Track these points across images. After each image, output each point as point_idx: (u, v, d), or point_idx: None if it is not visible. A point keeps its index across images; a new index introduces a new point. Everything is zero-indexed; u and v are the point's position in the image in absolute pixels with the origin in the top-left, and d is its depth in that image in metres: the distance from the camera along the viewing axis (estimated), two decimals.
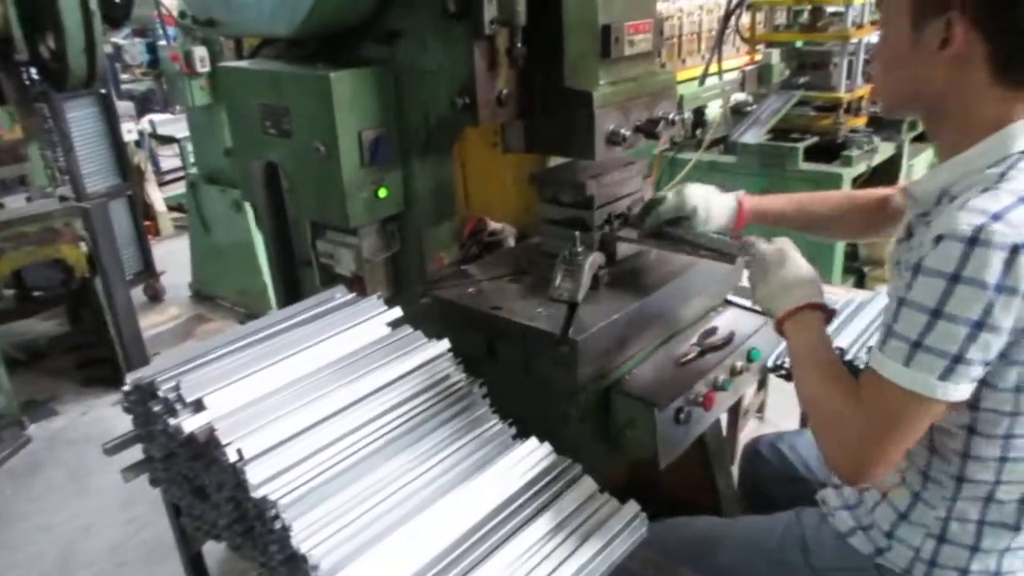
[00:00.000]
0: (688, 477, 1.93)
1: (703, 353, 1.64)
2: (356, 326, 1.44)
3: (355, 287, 1.67)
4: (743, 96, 3.71)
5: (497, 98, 1.54)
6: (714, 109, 3.70)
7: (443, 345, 1.43)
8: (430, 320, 1.58)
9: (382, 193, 1.66)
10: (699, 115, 3.74)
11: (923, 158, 3.91)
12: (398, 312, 1.49)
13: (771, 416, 3.13)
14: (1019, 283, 0.99)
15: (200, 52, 3.99)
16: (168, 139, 6.06)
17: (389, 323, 1.47)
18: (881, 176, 3.57)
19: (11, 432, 3.45)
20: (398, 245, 1.77)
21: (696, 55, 4.34)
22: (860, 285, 3.77)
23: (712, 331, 1.71)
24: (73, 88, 3.34)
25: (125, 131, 4.62)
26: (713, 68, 3.38)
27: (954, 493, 1.21)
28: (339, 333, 1.41)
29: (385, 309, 1.49)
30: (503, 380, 1.46)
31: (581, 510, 1.26)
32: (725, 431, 2.35)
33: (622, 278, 1.65)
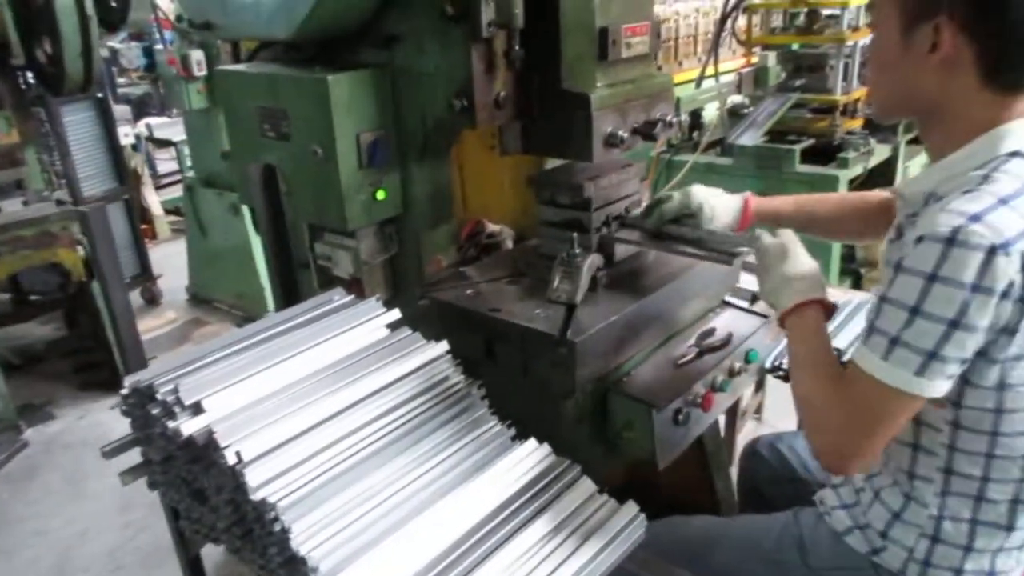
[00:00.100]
0: (686, 478, 1.93)
1: (701, 354, 1.65)
2: (354, 328, 1.44)
3: (353, 289, 1.67)
4: (740, 98, 3.72)
5: (495, 100, 1.55)
6: (711, 111, 3.72)
7: (442, 347, 1.43)
8: (428, 322, 1.58)
9: (380, 195, 1.66)
10: (696, 117, 3.75)
11: (919, 160, 3.92)
12: (396, 314, 1.49)
13: (769, 417, 3.13)
14: (995, 284, 1.00)
15: (197, 55, 4.00)
16: (165, 143, 6.06)
17: (387, 325, 1.47)
18: (877, 178, 3.58)
19: (8, 436, 3.44)
20: (396, 247, 1.78)
21: (693, 57, 4.37)
22: (857, 286, 3.78)
23: (710, 332, 1.71)
24: (70, 92, 3.32)
25: (122, 135, 4.63)
26: (710, 70, 3.40)
27: (943, 487, 1.22)
28: (337, 335, 1.41)
29: (383, 311, 1.49)
30: (502, 382, 1.46)
31: (580, 511, 1.26)
32: (723, 432, 2.35)
33: (620, 280, 1.66)
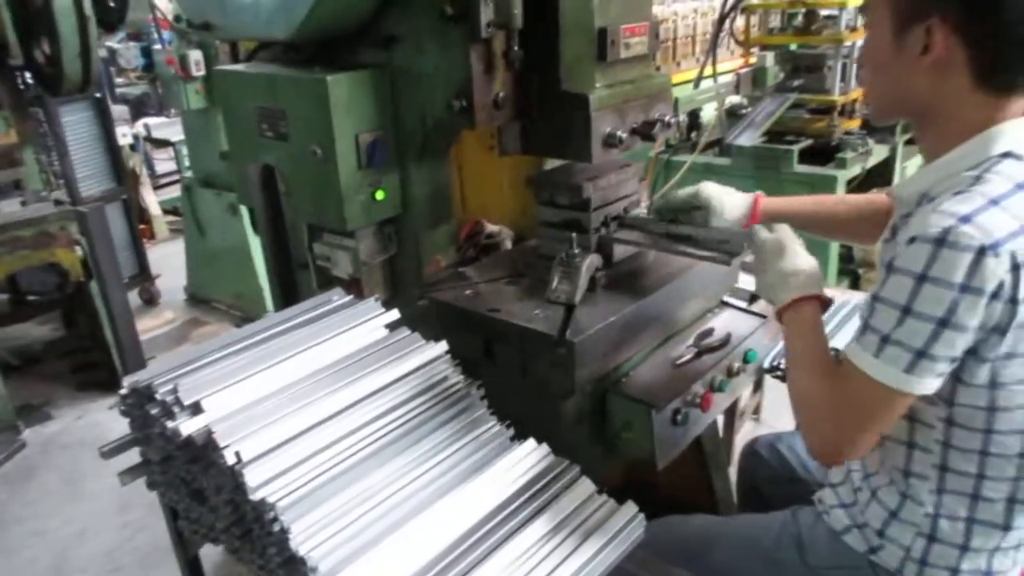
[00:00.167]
0: (685, 478, 1.94)
1: (700, 354, 1.65)
2: (353, 328, 1.44)
3: (352, 289, 1.67)
4: (738, 99, 3.72)
5: (494, 101, 1.55)
6: (709, 112, 3.72)
7: (441, 347, 1.43)
8: (427, 322, 1.58)
9: (379, 196, 1.66)
10: (694, 118, 3.75)
11: (917, 160, 3.93)
12: (395, 314, 1.49)
13: (767, 418, 3.14)
14: (984, 284, 1.01)
15: (195, 56, 4.00)
16: (163, 143, 6.07)
17: (387, 325, 1.47)
18: (875, 178, 3.58)
19: (5, 437, 3.43)
20: (395, 248, 1.78)
21: (691, 58, 4.37)
22: (855, 287, 3.78)
23: (709, 332, 1.72)
24: (68, 93, 3.32)
25: (120, 135, 4.63)
26: (708, 71, 3.39)
27: (939, 484, 1.22)
28: (336, 335, 1.41)
29: (382, 311, 1.49)
30: (501, 382, 1.46)
31: (579, 511, 1.26)
32: (721, 432, 2.35)
33: (619, 280, 1.66)
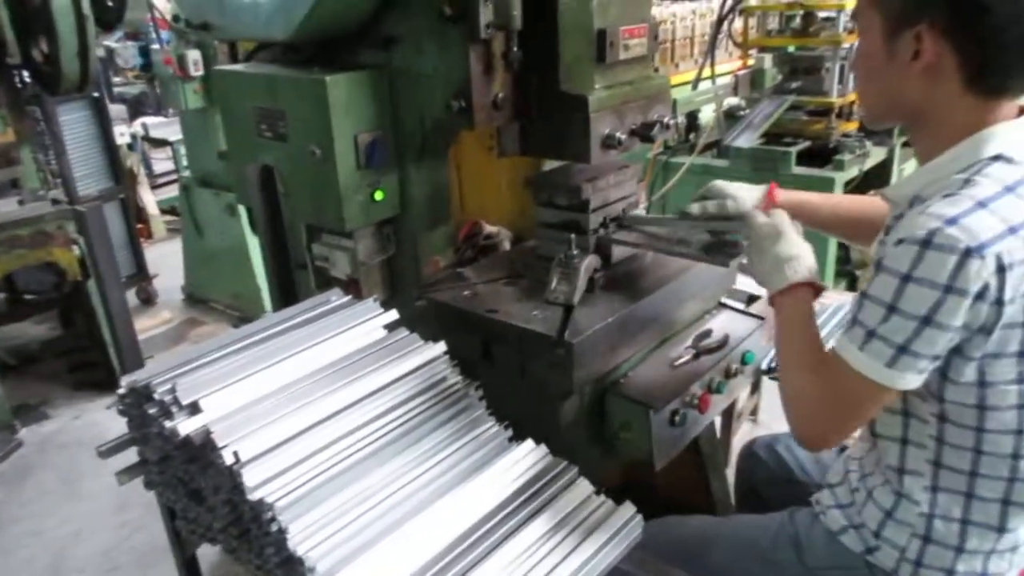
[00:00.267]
0: (683, 479, 1.94)
1: (698, 356, 1.65)
2: (352, 329, 1.44)
3: (351, 290, 1.67)
4: (736, 100, 3.73)
5: (493, 102, 1.55)
6: (707, 113, 3.72)
7: (439, 348, 1.43)
8: (426, 323, 1.58)
9: (378, 196, 1.66)
10: (692, 119, 3.76)
11: (914, 163, 3.92)
12: (394, 315, 1.49)
13: (765, 419, 3.14)
14: (969, 285, 1.02)
15: (193, 55, 3.99)
16: (161, 142, 6.05)
17: (385, 326, 1.47)
18: (873, 180, 3.58)
19: (2, 436, 3.43)
20: (394, 248, 1.78)
21: (689, 59, 4.36)
22: (852, 288, 3.79)
23: (707, 334, 1.72)
24: (66, 92, 3.31)
25: (118, 134, 4.61)
26: (706, 72, 3.39)
27: (933, 481, 1.23)
28: (335, 336, 1.41)
29: (381, 312, 1.49)
30: (499, 382, 1.46)
31: (577, 512, 1.26)
32: (719, 434, 2.36)
33: (618, 281, 1.66)
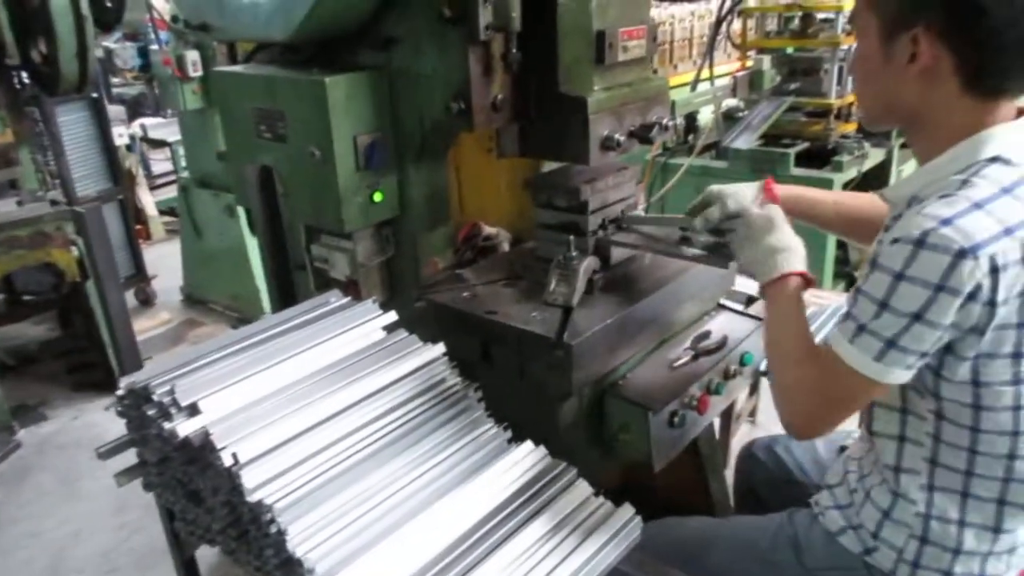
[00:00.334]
0: (682, 481, 1.94)
1: (697, 357, 1.65)
2: (351, 330, 1.44)
3: (350, 291, 1.67)
4: (735, 102, 3.73)
5: (492, 103, 1.55)
6: (706, 115, 3.71)
7: (438, 349, 1.43)
8: (425, 324, 1.58)
9: (377, 197, 1.67)
10: (691, 120, 3.75)
11: (912, 164, 3.93)
12: (393, 316, 1.49)
13: (763, 420, 3.14)
14: (961, 285, 1.03)
15: (192, 56, 3.99)
16: (159, 143, 6.05)
17: (384, 327, 1.47)
18: (871, 181, 3.59)
19: (1, 437, 3.42)
20: (393, 249, 1.78)
21: (688, 61, 4.37)
22: (851, 289, 3.79)
23: (705, 335, 1.72)
24: (64, 92, 3.31)
25: (116, 135, 4.62)
26: (705, 74, 3.40)
27: (929, 480, 1.23)
28: (334, 337, 1.41)
29: (380, 313, 1.49)
30: (498, 384, 1.46)
31: (576, 513, 1.26)
32: (718, 435, 2.36)
33: (616, 282, 1.66)
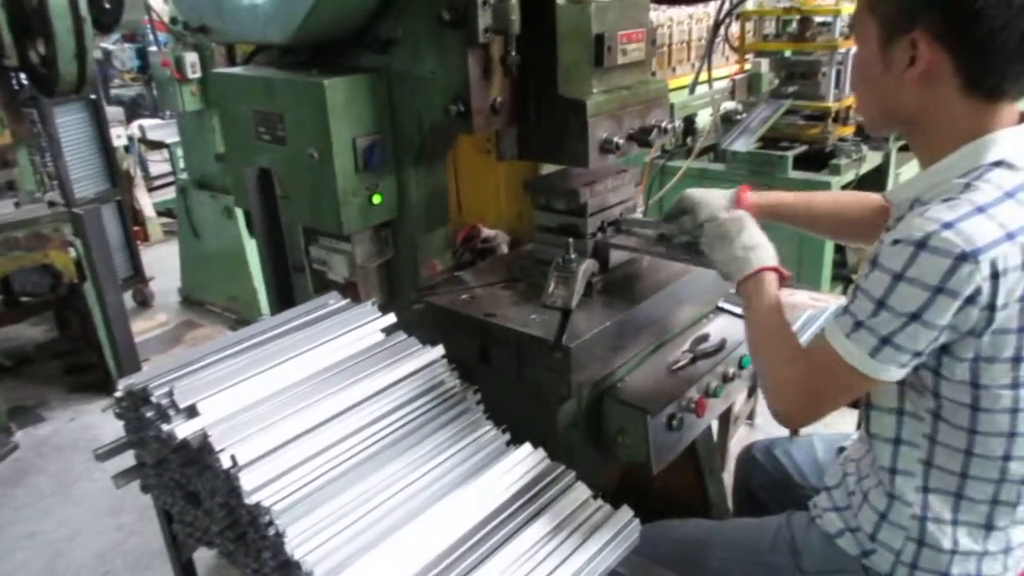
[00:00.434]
0: (680, 483, 1.94)
1: (695, 360, 1.65)
2: (349, 332, 1.44)
3: (348, 293, 1.67)
4: (733, 105, 3.73)
5: (491, 106, 1.55)
6: (704, 117, 3.72)
7: (437, 351, 1.43)
8: (423, 326, 1.58)
9: (376, 200, 1.67)
10: (689, 123, 3.75)
11: (910, 167, 3.94)
12: (392, 318, 1.49)
13: (761, 423, 3.14)
14: (960, 288, 1.04)
15: (191, 58, 3.99)
16: (157, 144, 6.04)
17: (383, 329, 1.47)
18: (869, 185, 3.59)
19: None
20: (391, 251, 1.78)
21: (686, 64, 4.37)
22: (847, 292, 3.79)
23: (704, 338, 1.72)
24: (63, 94, 3.30)
25: (114, 136, 4.61)
26: (703, 77, 3.40)
27: (924, 481, 1.23)
28: (332, 339, 1.41)
29: (378, 315, 1.49)
30: (497, 386, 1.46)
31: (574, 516, 1.26)
32: (716, 438, 2.36)
33: (615, 285, 1.66)
